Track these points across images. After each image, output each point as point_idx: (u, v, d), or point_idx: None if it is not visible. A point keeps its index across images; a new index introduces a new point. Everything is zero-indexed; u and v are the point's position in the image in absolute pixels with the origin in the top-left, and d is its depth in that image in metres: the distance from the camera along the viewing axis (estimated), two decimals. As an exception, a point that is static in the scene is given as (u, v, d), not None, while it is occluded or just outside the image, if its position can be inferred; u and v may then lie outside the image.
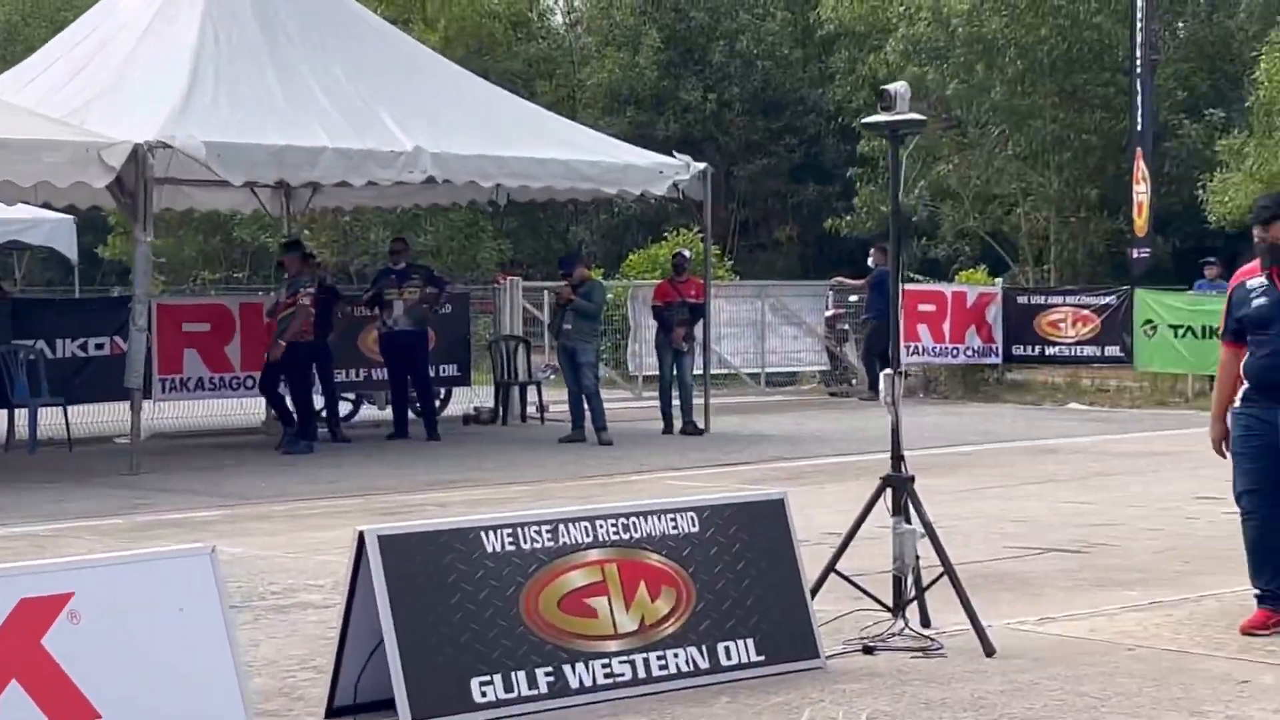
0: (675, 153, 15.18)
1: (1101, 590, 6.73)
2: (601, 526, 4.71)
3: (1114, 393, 20.20)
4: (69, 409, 13.55)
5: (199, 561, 4.03)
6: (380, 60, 14.32)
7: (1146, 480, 10.87)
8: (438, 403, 15.70)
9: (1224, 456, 5.77)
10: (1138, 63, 19.72)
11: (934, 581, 5.41)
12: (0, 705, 3.42)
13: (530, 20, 34.75)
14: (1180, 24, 30.05)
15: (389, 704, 4.25)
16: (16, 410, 13.59)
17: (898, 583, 5.40)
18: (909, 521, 5.43)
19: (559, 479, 11.79)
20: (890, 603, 5.41)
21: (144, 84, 12.73)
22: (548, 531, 4.59)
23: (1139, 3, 19.95)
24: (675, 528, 4.85)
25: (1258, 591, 5.49)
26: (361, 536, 4.27)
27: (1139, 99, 19.88)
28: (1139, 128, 19.94)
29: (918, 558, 5.43)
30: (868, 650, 5.16)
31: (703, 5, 33.58)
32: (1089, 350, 19.65)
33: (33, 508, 9.95)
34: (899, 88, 5.44)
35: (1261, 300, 5.53)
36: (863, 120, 6.81)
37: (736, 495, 5.49)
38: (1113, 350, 19.46)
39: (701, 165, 14.64)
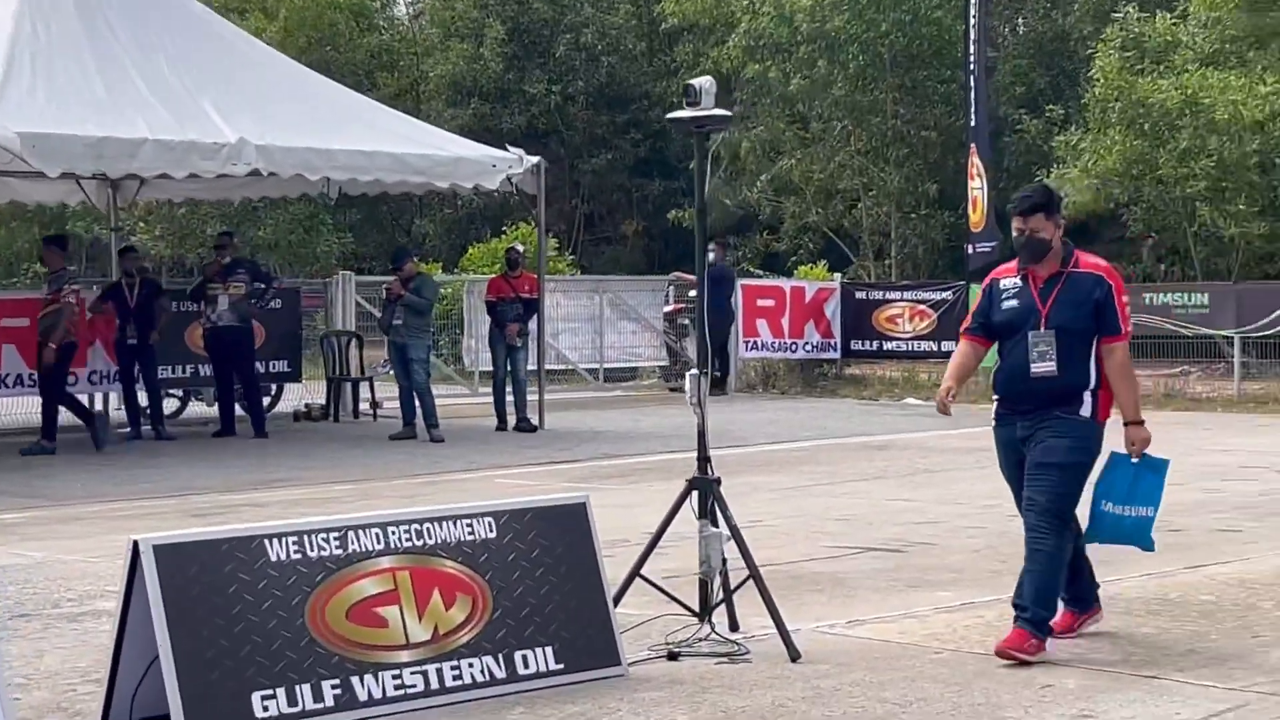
0: (510, 146, 14.97)
1: (915, 591, 6.73)
2: (394, 533, 4.49)
3: (950, 389, 20.75)
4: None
5: None
6: (207, 52, 13.92)
7: (971, 477, 10.89)
8: (268, 399, 15.38)
9: (948, 414, 5.61)
10: (972, 59, 20.15)
11: (740, 585, 5.30)
12: None
13: (372, 11, 34.24)
14: (1020, 20, 30.91)
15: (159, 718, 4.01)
16: None
17: (704, 586, 5.30)
18: (715, 524, 5.33)
19: (386, 477, 11.54)
20: (697, 607, 5.32)
21: None
22: (335, 538, 4.36)
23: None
24: (471, 533, 4.67)
25: (1064, 596, 5.41)
26: (135, 546, 4.03)
27: (973, 95, 20.28)
28: (974, 124, 20.29)
29: (725, 561, 5.32)
30: (672, 656, 5.03)
31: (546, -3, 34.19)
32: (926, 345, 19.88)
33: None
34: (704, 82, 5.36)
35: (1013, 303, 5.30)
36: (668, 116, 6.44)
37: (536, 499, 5.26)
38: (949, 345, 19.48)
39: (535, 159, 14.49)
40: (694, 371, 5.52)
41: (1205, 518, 8.87)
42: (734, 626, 5.36)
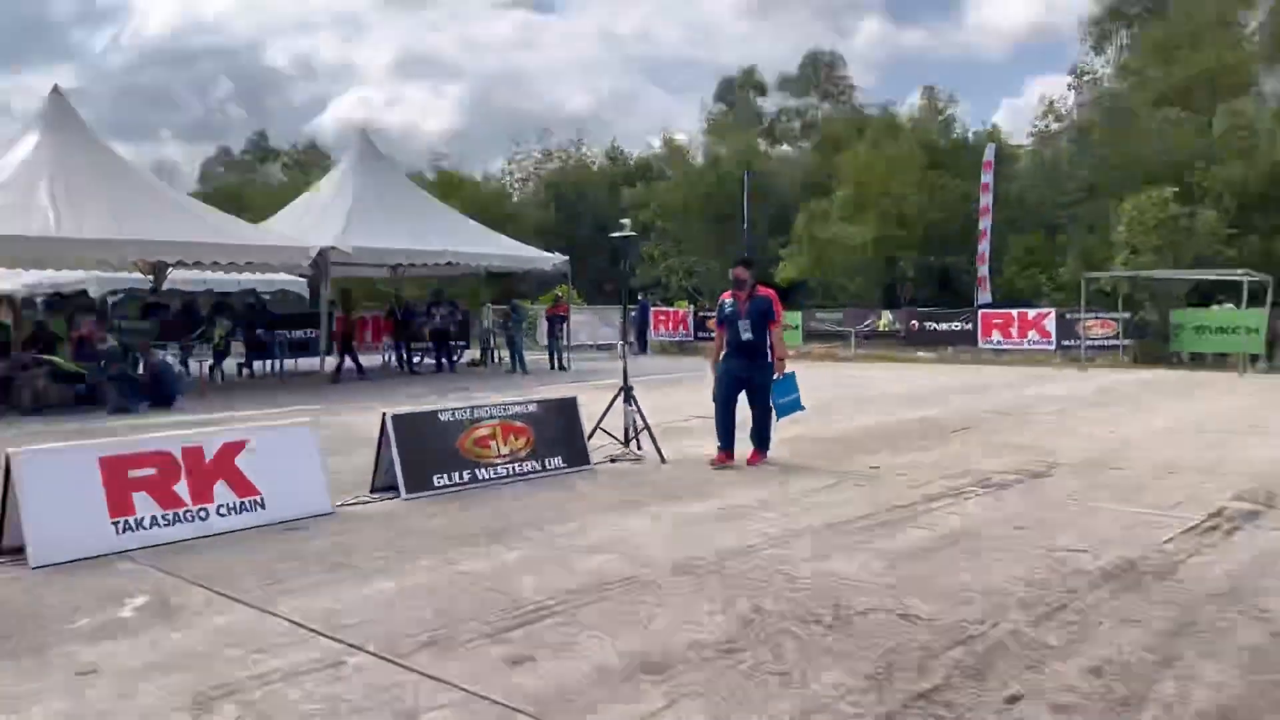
0: (555, 251, 23.34)
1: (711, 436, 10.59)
2: (494, 409, 8.39)
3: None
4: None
5: (307, 430, 7.23)
6: (431, 210, 22.88)
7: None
8: (457, 357, 23.50)
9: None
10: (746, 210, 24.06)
11: (641, 430, 9.39)
12: (216, 491, 6.72)
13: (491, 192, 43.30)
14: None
15: (392, 487, 7.64)
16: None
17: (626, 431, 9.40)
18: (630, 404, 9.39)
19: (503, 388, 15.61)
20: (623, 439, 9.41)
21: (323, 220, 19.62)
22: (468, 411, 8.24)
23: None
24: (526, 409, 8.60)
25: (721, 444, 8.84)
26: (384, 415, 7.78)
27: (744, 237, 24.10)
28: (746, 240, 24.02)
29: (635, 420, 9.39)
30: (612, 460, 9.10)
31: None
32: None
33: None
34: (626, 221, 9.81)
35: (731, 309, 8.77)
36: (611, 234, 10.75)
37: (555, 397, 9.10)
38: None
39: (564, 257, 23.78)
40: (621, 343, 9.74)
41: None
42: (639, 448, 9.36)
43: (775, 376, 8.73)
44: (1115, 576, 5.36)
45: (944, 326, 27.58)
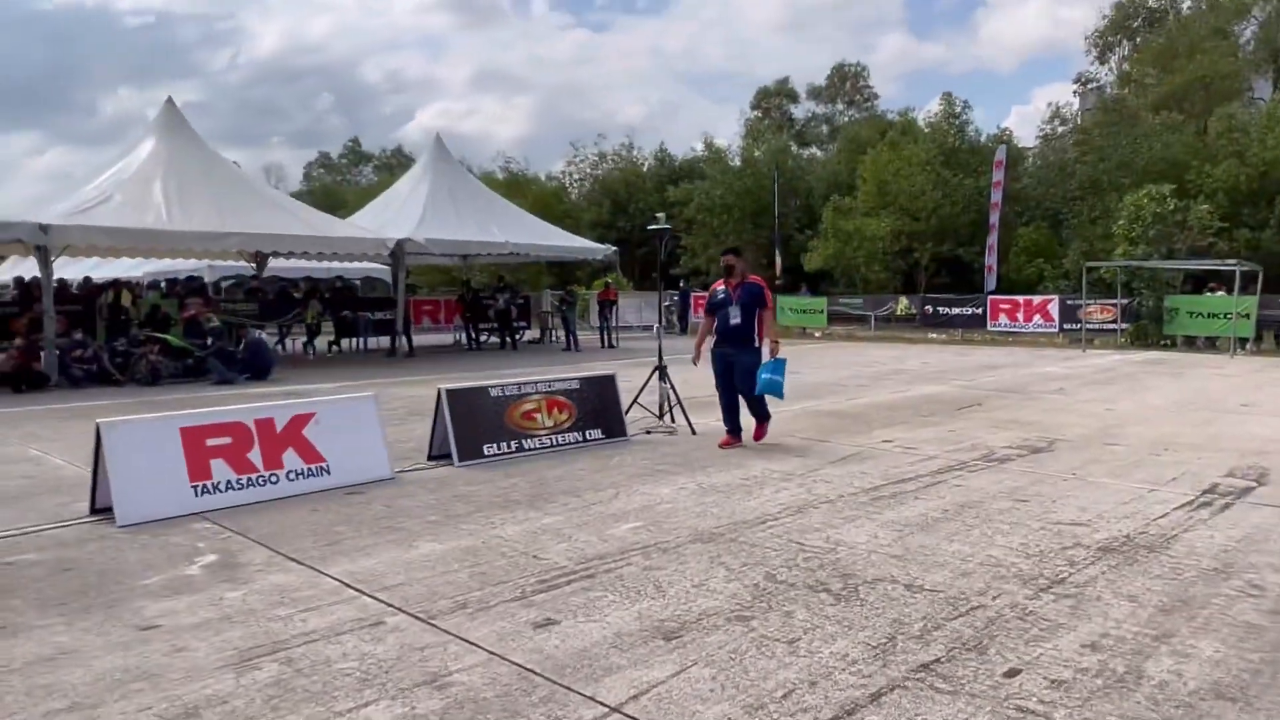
0: (607, 244, 19.55)
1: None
2: (539, 384, 8.14)
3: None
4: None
5: (370, 400, 6.99)
6: (494, 205, 22.28)
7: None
8: (521, 336, 23.43)
9: (696, 365, 8.31)
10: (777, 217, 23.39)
11: (675, 405, 9.06)
12: (285, 458, 6.55)
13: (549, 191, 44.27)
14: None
15: (446, 455, 7.40)
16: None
17: (660, 405, 9.08)
18: (664, 381, 9.05)
19: (556, 362, 15.27)
20: (658, 413, 9.10)
21: (401, 214, 19.55)
22: (515, 386, 8.00)
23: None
24: (569, 385, 8.34)
25: (727, 427, 8.19)
26: (440, 389, 7.57)
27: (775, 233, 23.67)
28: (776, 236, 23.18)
29: (669, 396, 9.05)
30: (647, 432, 8.79)
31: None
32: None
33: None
34: (660, 215, 9.24)
35: (721, 296, 8.05)
36: (648, 227, 10.00)
37: (596, 373, 8.81)
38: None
39: (614, 248, 23.43)
40: (657, 325, 9.39)
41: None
42: (673, 421, 9.05)
43: (766, 358, 7.99)
44: (1112, 550, 4.96)
45: (955, 311, 26.79)
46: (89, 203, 15.01)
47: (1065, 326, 24.13)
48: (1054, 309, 24.72)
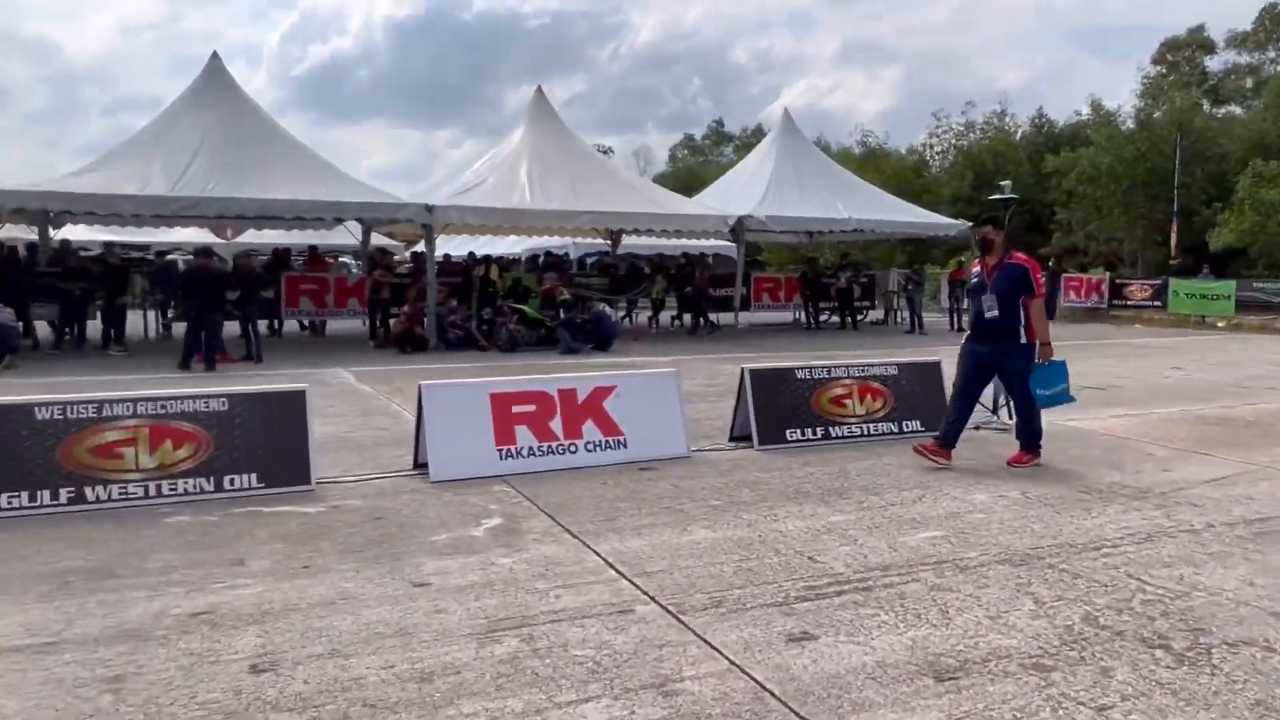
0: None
1: (1107, 408, 8.91)
2: (851, 369, 7.57)
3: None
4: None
5: (670, 376, 6.91)
6: (853, 185, 21.68)
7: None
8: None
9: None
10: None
11: (1005, 403, 7.92)
12: (585, 429, 6.54)
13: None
14: None
15: (747, 437, 7.05)
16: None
17: (995, 399, 8.04)
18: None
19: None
20: (991, 406, 8.06)
21: (745, 191, 19.73)
22: (826, 371, 7.49)
23: None
24: (887, 370, 7.62)
25: (938, 436, 6.54)
26: (743, 369, 7.23)
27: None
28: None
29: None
30: (975, 428, 7.76)
31: None
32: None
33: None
34: (1006, 184, 7.72)
35: (975, 280, 6.53)
36: (989, 198, 8.43)
37: (917, 358, 8.08)
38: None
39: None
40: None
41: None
42: (1009, 417, 7.83)
43: (1037, 362, 6.36)
44: None
45: None
46: (467, 185, 16.76)
47: None
48: None
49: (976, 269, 6.65)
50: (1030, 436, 6.56)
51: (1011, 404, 6.93)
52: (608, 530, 4.95)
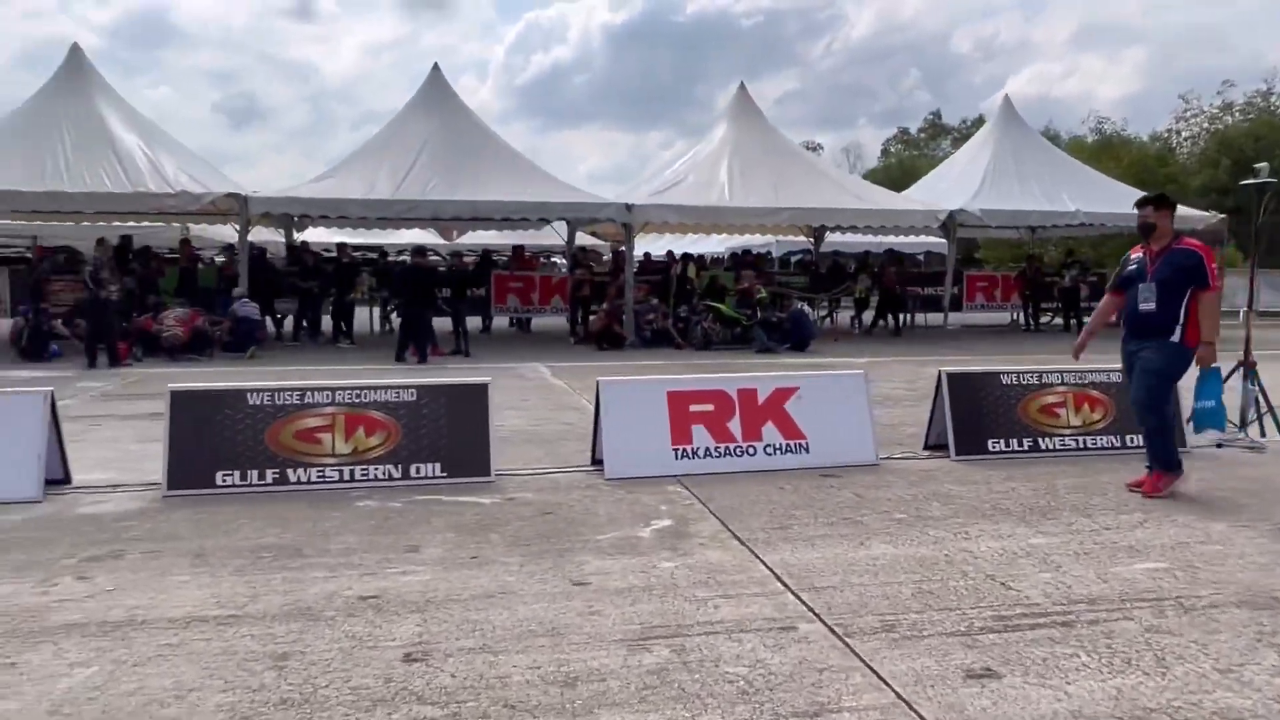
0: None
1: None
2: (1065, 375, 6.86)
3: None
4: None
5: (858, 378, 6.45)
6: (1067, 169, 20.10)
7: None
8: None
9: (1076, 359, 5.89)
10: None
11: (1265, 412, 6.94)
12: (764, 431, 6.24)
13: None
14: None
15: (943, 446, 6.55)
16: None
17: (1242, 414, 7.03)
18: (1250, 381, 6.98)
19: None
20: (1239, 422, 7.06)
21: (959, 184, 18.72)
22: (1038, 375, 6.85)
23: None
24: (1105, 378, 6.86)
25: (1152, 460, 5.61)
26: (940, 375, 6.75)
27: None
28: None
29: (1257, 400, 6.96)
30: (1219, 446, 6.88)
31: None
32: None
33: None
34: (1263, 167, 6.75)
35: (1133, 267, 5.59)
36: (1241, 183, 7.08)
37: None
38: None
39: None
40: (1244, 310, 7.18)
41: None
42: (1260, 434, 6.98)
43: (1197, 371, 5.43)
44: None
45: None
46: (667, 184, 16.85)
47: None
48: None
49: (1136, 255, 5.67)
50: (1163, 455, 5.52)
51: (1275, 415, 5.99)
52: (779, 539, 4.70)
